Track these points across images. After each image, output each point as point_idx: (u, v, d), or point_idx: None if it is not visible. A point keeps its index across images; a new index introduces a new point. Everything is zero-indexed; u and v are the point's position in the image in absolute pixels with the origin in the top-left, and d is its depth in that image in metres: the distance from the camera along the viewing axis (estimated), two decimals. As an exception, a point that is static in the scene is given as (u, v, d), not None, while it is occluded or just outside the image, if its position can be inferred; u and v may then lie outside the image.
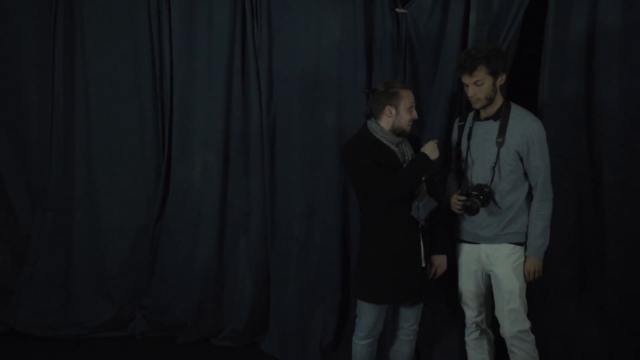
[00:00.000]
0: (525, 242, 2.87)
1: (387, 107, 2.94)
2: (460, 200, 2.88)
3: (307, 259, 3.94)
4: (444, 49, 3.51)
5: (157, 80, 4.21)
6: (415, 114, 2.98)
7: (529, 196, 2.88)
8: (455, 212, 2.94)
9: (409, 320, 3.10)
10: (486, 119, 2.91)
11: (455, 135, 3.09)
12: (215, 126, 4.07)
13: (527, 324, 2.88)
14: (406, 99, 2.95)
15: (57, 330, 4.22)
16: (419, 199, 2.90)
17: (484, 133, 2.90)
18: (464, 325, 3.12)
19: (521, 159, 2.83)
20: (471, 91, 2.86)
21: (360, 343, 3.09)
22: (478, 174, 2.90)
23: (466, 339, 3.10)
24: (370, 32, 3.72)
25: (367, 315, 3.03)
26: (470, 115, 3.00)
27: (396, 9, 3.64)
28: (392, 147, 2.96)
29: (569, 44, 3.24)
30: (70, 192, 4.33)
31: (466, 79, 2.87)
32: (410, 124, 2.98)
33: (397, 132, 2.96)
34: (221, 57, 4.02)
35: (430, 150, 2.91)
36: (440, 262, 3.04)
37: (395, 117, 2.94)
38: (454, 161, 3.10)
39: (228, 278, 4.16)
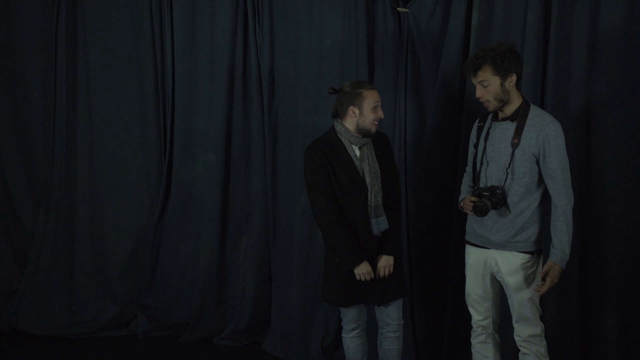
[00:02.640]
0: (536, 250, 2.78)
1: (350, 108, 2.97)
2: (471, 202, 2.82)
3: (308, 258, 3.94)
4: (445, 49, 3.51)
5: (159, 80, 4.21)
6: (380, 114, 2.99)
7: (543, 203, 2.78)
8: (467, 213, 2.89)
9: (392, 316, 3.11)
10: (503, 119, 2.83)
11: (473, 136, 3.02)
12: (217, 126, 4.06)
13: (539, 329, 2.83)
14: (369, 99, 2.96)
15: (60, 329, 4.23)
16: (371, 216, 2.96)
17: (501, 134, 2.83)
18: (471, 327, 3.09)
19: (537, 162, 2.74)
20: (478, 92, 2.81)
21: (349, 336, 3.15)
22: (492, 175, 2.83)
23: (472, 341, 3.06)
24: (371, 31, 3.72)
25: (347, 310, 3.11)
26: (490, 116, 2.93)
27: (398, 8, 3.63)
28: (356, 149, 3.00)
29: (571, 43, 3.23)
30: (73, 192, 4.34)
31: (473, 80, 2.81)
32: (376, 123, 3.00)
33: (361, 132, 2.98)
34: (223, 57, 4.02)
35: (361, 273, 2.94)
36: (384, 262, 3.01)
37: (358, 117, 2.97)
38: (470, 163, 3.04)
39: (230, 277, 4.17)
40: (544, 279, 2.74)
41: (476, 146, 2.97)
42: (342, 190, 2.99)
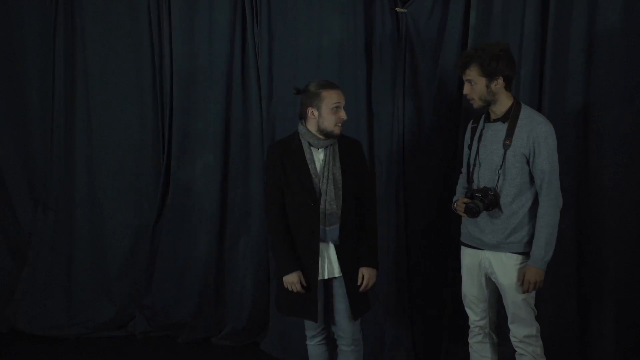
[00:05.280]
0: (529, 251, 2.77)
1: (309, 109, 2.86)
2: (464, 203, 2.82)
3: (307, 258, 3.94)
4: (444, 49, 3.51)
5: (158, 80, 4.21)
6: (342, 115, 2.85)
7: (536, 204, 2.77)
8: (460, 214, 2.88)
9: (343, 329, 2.96)
10: (495, 120, 2.83)
11: (467, 137, 3.01)
12: (215, 126, 4.07)
13: (534, 329, 2.83)
14: (328, 100, 2.82)
15: (58, 330, 4.24)
16: (324, 224, 2.85)
17: (493, 135, 2.83)
18: (468, 328, 3.08)
19: (528, 163, 2.75)
20: (465, 89, 2.81)
21: (311, 343, 3.08)
22: (484, 177, 2.83)
23: (469, 341, 3.06)
24: (370, 31, 3.71)
25: None
26: (483, 116, 2.93)
27: (396, 9, 3.63)
28: (317, 152, 2.90)
29: (569, 43, 3.23)
30: (71, 192, 4.35)
31: (463, 77, 2.82)
32: (339, 125, 2.87)
33: (324, 134, 2.87)
34: (221, 57, 4.02)
35: (289, 282, 2.85)
36: (368, 275, 2.93)
37: (318, 118, 2.85)
38: (465, 164, 3.03)
39: (228, 277, 4.17)
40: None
41: (470, 147, 2.97)
42: (291, 194, 2.88)
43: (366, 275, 2.94)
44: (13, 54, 4.38)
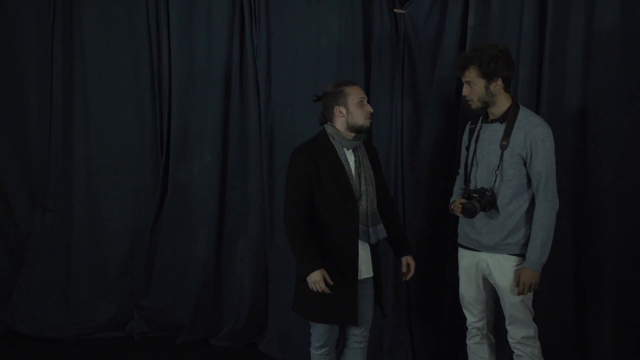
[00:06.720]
0: (526, 253, 2.77)
1: (336, 108, 2.87)
2: (461, 203, 2.82)
3: (305, 259, 3.93)
4: (442, 50, 3.51)
5: (156, 81, 4.21)
6: (369, 108, 2.89)
7: (533, 205, 2.77)
8: (457, 215, 2.88)
9: (360, 326, 2.96)
10: (492, 121, 2.84)
11: (465, 138, 3.01)
12: (213, 126, 4.07)
13: (532, 330, 2.83)
14: (353, 95, 2.85)
15: (56, 331, 4.23)
16: (368, 225, 2.85)
17: (490, 135, 2.83)
18: (466, 329, 3.08)
19: (525, 164, 2.75)
20: (464, 90, 2.82)
21: (317, 353, 3.01)
22: (482, 177, 2.84)
23: (467, 342, 3.07)
24: (368, 32, 3.72)
25: (318, 325, 2.95)
26: (481, 118, 2.93)
27: (394, 10, 3.63)
28: (348, 153, 2.89)
29: (566, 44, 3.23)
30: (70, 193, 4.34)
31: (462, 78, 2.83)
32: (369, 118, 2.89)
33: (355, 129, 2.87)
34: (220, 58, 4.02)
35: (313, 281, 2.74)
36: (412, 262, 3.03)
37: (346, 115, 2.86)
38: (462, 164, 3.03)
39: (226, 278, 4.17)
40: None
41: (468, 148, 2.97)
42: (324, 195, 2.83)
43: (412, 264, 3.03)
44: (11, 54, 4.36)
